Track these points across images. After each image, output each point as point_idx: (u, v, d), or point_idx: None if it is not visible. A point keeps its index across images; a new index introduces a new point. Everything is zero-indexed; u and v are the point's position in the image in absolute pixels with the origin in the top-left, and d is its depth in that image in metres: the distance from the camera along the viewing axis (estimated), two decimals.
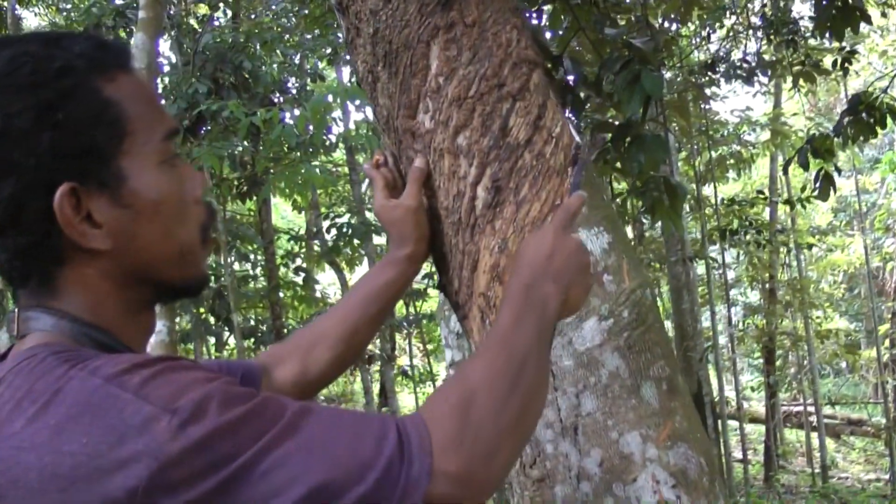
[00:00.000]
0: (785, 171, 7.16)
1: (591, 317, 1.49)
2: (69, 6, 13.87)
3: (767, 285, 13.48)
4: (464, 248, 1.59)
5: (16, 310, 1.04)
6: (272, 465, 0.85)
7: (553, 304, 1.14)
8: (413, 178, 1.55)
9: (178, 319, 11.85)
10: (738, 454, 13.16)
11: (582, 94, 4.51)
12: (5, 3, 10.13)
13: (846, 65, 7.03)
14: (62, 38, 1.01)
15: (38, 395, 0.87)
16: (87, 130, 0.96)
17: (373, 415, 0.97)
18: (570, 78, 3.83)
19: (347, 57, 12.16)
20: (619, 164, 4.51)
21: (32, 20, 16.81)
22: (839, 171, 6.38)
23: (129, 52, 1.09)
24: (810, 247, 13.24)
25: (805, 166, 5.94)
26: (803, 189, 9.70)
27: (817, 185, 6.10)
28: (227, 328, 11.11)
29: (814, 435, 14.60)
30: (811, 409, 14.84)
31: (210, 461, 0.83)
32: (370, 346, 13.14)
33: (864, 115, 5.55)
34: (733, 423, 13.88)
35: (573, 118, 5.49)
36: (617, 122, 4.56)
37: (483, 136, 1.55)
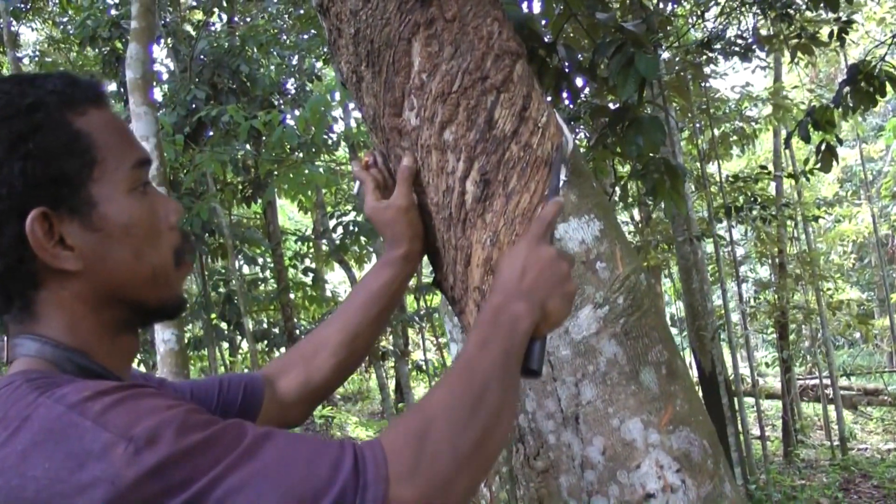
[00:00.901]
0: (787, 145, 7.12)
1: (587, 305, 1.49)
2: (65, 20, 13.90)
3: (777, 260, 13.44)
4: (456, 243, 1.59)
5: (6, 337, 1.08)
6: (228, 492, 0.87)
7: (524, 323, 1.15)
8: (402, 178, 1.55)
9: (189, 326, 11.91)
10: (755, 431, 13.14)
11: (578, 81, 4.51)
12: (1, 20, 10.13)
13: (843, 35, 6.98)
14: (36, 77, 1.07)
15: (10, 420, 0.91)
16: (57, 159, 1.02)
17: (331, 441, 0.97)
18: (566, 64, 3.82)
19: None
20: (618, 148, 4.51)
21: (30, 35, 16.86)
22: (841, 141, 6.35)
23: (102, 88, 1.14)
24: (817, 218, 13.16)
25: (806, 139, 5.91)
26: (807, 162, 9.64)
27: (819, 156, 6.08)
28: (238, 332, 11.13)
29: (831, 407, 14.56)
30: (827, 381, 14.80)
31: (165, 487, 0.86)
32: (383, 343, 13.16)
33: (863, 84, 5.52)
34: (749, 400, 13.86)
35: (570, 105, 5.49)
36: (614, 107, 4.56)
37: (469, 129, 1.54)
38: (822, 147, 5.95)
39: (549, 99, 2.63)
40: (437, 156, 1.57)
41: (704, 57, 7.89)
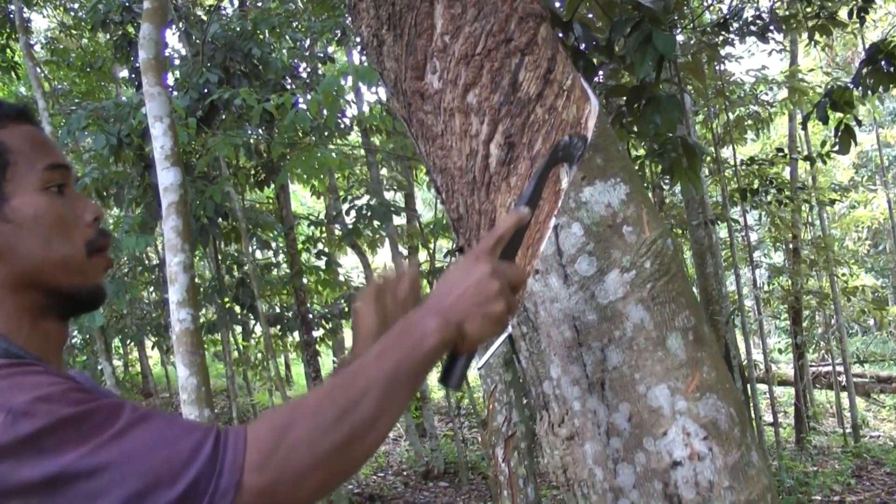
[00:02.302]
0: (804, 127, 7.07)
1: (613, 269, 1.46)
2: (76, 5, 13.90)
3: (791, 245, 13.36)
4: (480, 207, 1.57)
5: None
6: (95, 468, 0.96)
7: (431, 340, 1.16)
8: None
9: (203, 311, 11.92)
10: (768, 417, 13.09)
11: (595, 61, 4.47)
12: (13, 6, 10.13)
13: (863, 14, 6.91)
14: None
15: None
16: None
17: (200, 426, 1.04)
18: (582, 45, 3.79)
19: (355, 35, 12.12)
20: (635, 128, 4.48)
21: (41, 22, 16.88)
22: (859, 122, 6.27)
23: (24, 109, 1.32)
24: (833, 202, 13.06)
25: (824, 120, 5.85)
26: (823, 144, 9.55)
27: (837, 138, 6.02)
28: (252, 316, 11.15)
29: (843, 395, 14.49)
30: (840, 368, 14.74)
31: (35, 454, 0.95)
32: None
33: (883, 64, 5.45)
34: (762, 387, 13.80)
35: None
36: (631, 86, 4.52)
37: (493, 92, 1.52)
38: (841, 128, 5.88)
39: None
40: (461, 119, 1.55)
41: (721, 38, 7.82)
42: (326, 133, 9.48)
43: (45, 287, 1.23)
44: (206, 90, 8.71)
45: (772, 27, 7.72)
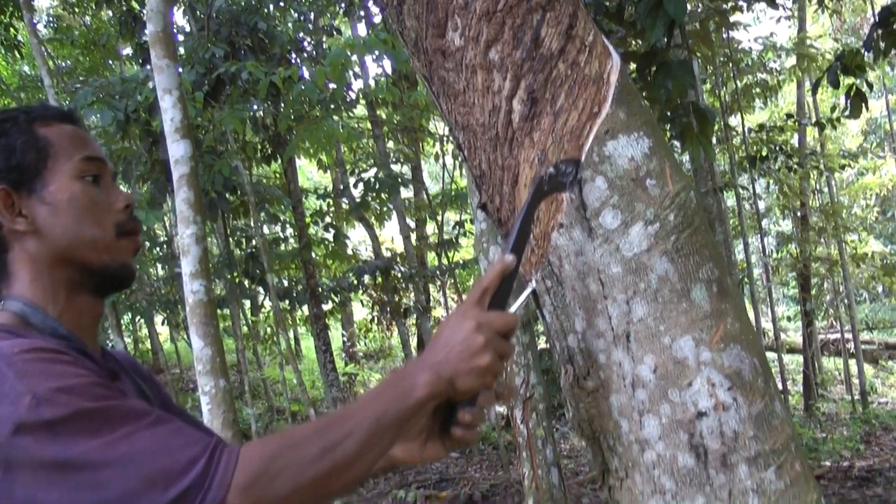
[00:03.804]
0: (814, 92, 7.03)
1: (637, 222, 1.47)
2: None
3: (799, 213, 13.33)
4: (503, 163, 1.58)
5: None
6: (100, 463, 1.09)
7: (419, 392, 1.25)
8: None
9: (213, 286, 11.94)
10: (777, 385, 13.12)
11: (605, 28, 4.46)
12: None
13: None
14: (24, 107, 1.46)
15: None
16: (18, 154, 1.37)
17: (200, 439, 1.15)
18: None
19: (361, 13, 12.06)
20: (646, 94, 4.46)
21: (44, 0, 16.79)
22: (871, 86, 6.24)
23: (70, 111, 1.51)
24: (843, 167, 12.99)
25: (835, 84, 5.82)
26: (833, 110, 9.50)
27: (848, 103, 5.99)
28: (263, 290, 11.18)
29: (852, 362, 14.51)
30: (848, 335, 14.75)
31: (51, 438, 1.09)
32: (405, 300, 13.19)
33: (895, 26, 5.41)
34: (771, 355, 13.83)
35: None
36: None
37: (515, 48, 1.52)
38: (852, 92, 5.85)
39: None
40: (483, 75, 1.55)
41: (730, 4, 7.75)
42: (333, 106, 9.46)
43: (77, 263, 1.39)
44: (212, 64, 8.70)
45: None
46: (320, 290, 12.06)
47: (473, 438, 1.40)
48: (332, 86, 8.48)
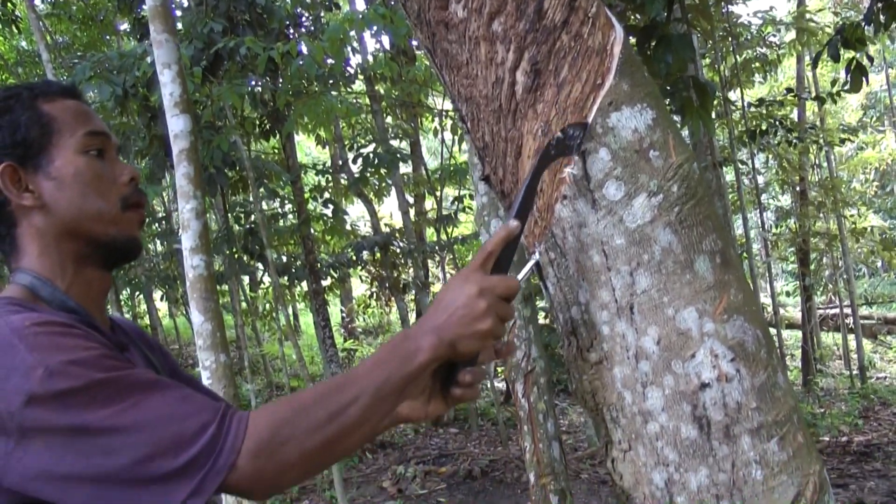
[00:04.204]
0: (815, 66, 7.01)
1: (641, 193, 1.47)
2: None
3: (798, 187, 13.32)
4: (506, 135, 1.57)
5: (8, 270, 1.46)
6: (112, 429, 1.14)
7: (422, 356, 1.28)
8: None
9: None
10: (779, 356, 13.16)
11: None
12: None
13: None
14: (25, 83, 1.50)
15: None
16: (22, 130, 1.41)
17: (209, 406, 1.20)
18: None
19: None
20: (645, 68, 4.44)
21: None
22: (871, 60, 6.21)
23: (73, 86, 1.54)
24: (844, 142, 12.95)
25: (836, 58, 5.80)
26: (834, 83, 9.46)
27: (849, 76, 5.97)
28: (260, 265, 11.18)
29: (850, 337, 14.54)
30: (847, 310, 14.77)
31: (64, 407, 1.13)
32: (403, 275, 13.18)
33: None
34: (770, 330, 13.83)
35: None
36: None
37: (518, 20, 1.52)
38: (853, 66, 5.83)
39: None
40: (486, 47, 1.55)
41: None
42: (332, 81, 9.42)
43: (84, 236, 1.42)
44: (210, 39, 8.65)
45: None
46: (319, 265, 12.06)
47: (475, 395, 1.42)
48: (329, 61, 8.44)
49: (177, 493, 1.15)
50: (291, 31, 10.53)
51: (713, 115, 10.66)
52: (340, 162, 14.33)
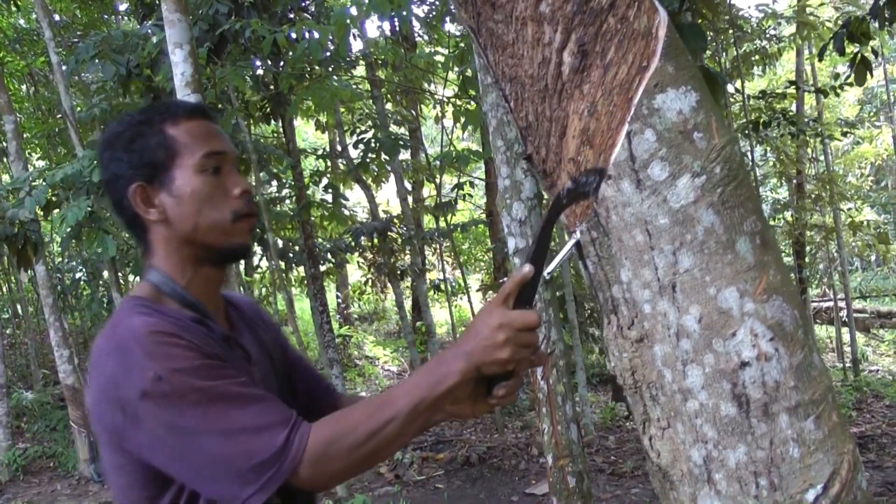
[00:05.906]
0: (820, 59, 7.02)
1: (685, 174, 1.49)
2: None
3: (795, 181, 13.37)
4: (551, 114, 1.59)
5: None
6: (201, 431, 1.43)
7: (452, 380, 1.48)
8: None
9: None
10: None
11: None
12: None
13: None
14: (164, 103, 1.76)
15: (114, 324, 1.55)
16: (150, 152, 1.64)
17: (283, 419, 1.47)
18: None
19: None
20: None
21: None
22: (876, 54, 6.25)
23: (200, 105, 1.78)
24: (844, 135, 12.99)
25: (841, 51, 5.83)
26: (837, 77, 9.49)
27: (853, 70, 6.00)
28: (261, 248, 11.17)
29: (844, 330, 14.61)
30: (841, 304, 14.84)
31: (164, 406, 1.42)
32: (400, 262, 13.20)
33: None
34: None
35: None
36: None
37: (566, 1, 1.53)
38: (857, 60, 5.86)
39: None
40: (533, 27, 1.56)
41: None
42: (334, 65, 9.40)
43: (200, 244, 1.66)
44: (215, 21, 8.62)
45: None
46: (318, 250, 12.06)
47: (512, 400, 1.61)
48: (333, 45, 8.43)
49: (245, 489, 1.42)
50: (293, 15, 10.51)
51: None
52: (339, 147, 14.32)
